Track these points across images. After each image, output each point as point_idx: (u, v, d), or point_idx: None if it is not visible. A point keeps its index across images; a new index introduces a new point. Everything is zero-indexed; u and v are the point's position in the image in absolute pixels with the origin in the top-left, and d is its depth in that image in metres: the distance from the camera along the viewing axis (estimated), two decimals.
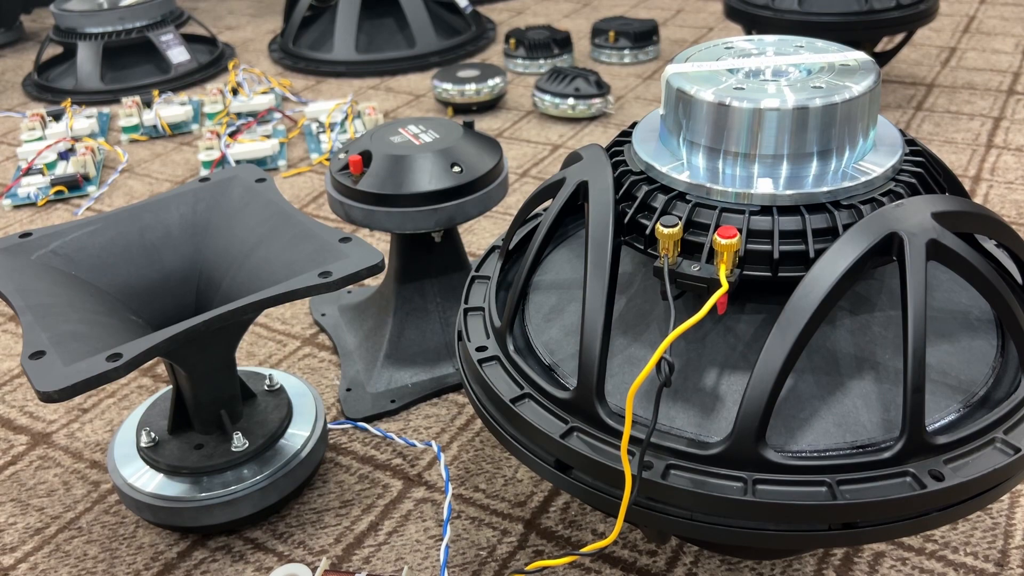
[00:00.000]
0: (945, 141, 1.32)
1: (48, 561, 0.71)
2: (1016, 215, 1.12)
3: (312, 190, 1.30)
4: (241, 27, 2.12)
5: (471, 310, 0.63)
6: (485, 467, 0.78)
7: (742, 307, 0.55)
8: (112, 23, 1.68)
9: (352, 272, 0.65)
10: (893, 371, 0.52)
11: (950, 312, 0.56)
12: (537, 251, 0.60)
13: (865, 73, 0.54)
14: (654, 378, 0.47)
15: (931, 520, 0.48)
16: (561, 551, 0.69)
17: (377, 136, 0.84)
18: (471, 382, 0.60)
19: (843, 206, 0.52)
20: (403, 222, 0.80)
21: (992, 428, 0.50)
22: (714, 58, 0.58)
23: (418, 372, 0.87)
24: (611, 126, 1.44)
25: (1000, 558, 0.66)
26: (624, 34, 1.70)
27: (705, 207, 0.53)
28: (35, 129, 1.47)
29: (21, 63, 1.94)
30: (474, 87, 1.48)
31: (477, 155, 0.83)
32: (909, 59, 1.63)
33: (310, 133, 1.45)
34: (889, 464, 0.48)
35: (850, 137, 0.53)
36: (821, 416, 0.50)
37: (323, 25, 1.82)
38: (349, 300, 0.99)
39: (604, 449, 0.50)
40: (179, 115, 1.51)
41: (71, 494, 0.77)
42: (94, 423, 0.86)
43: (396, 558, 0.70)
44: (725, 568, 0.67)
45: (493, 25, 1.98)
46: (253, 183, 0.77)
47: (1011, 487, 0.50)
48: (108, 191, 1.33)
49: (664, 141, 0.58)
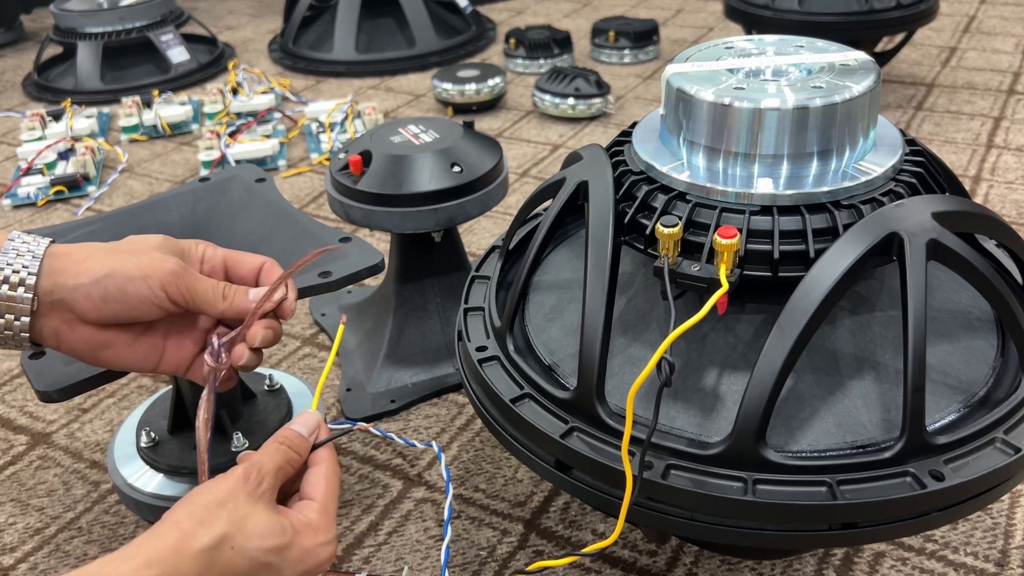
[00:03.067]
0: (945, 141, 1.32)
1: (48, 561, 0.71)
2: (1016, 215, 1.12)
3: (312, 190, 1.30)
4: (241, 27, 2.12)
5: (471, 310, 0.63)
6: (485, 467, 0.78)
7: (742, 307, 0.55)
8: (112, 23, 1.68)
9: (352, 272, 0.65)
10: (893, 371, 0.52)
11: (950, 312, 0.56)
12: (537, 251, 0.60)
13: (865, 73, 0.54)
14: (654, 378, 0.47)
15: (931, 520, 0.48)
16: (561, 551, 0.69)
17: (377, 136, 0.84)
18: (471, 382, 0.60)
19: (843, 206, 0.52)
20: (403, 222, 0.80)
21: (992, 428, 0.50)
22: (714, 58, 0.58)
23: (418, 372, 0.87)
24: (611, 126, 1.44)
25: (1000, 558, 0.66)
26: (624, 34, 1.70)
27: (705, 207, 0.53)
28: (35, 129, 1.47)
29: (21, 63, 1.94)
30: (474, 87, 1.48)
31: (477, 155, 0.83)
32: (909, 59, 1.63)
33: (310, 133, 1.45)
34: (889, 464, 0.48)
35: (850, 137, 0.53)
36: (821, 416, 0.50)
37: (323, 25, 1.82)
38: (349, 300, 0.99)
39: (604, 449, 0.50)
40: (179, 115, 1.51)
41: (71, 494, 0.77)
42: (94, 423, 0.86)
43: (396, 558, 0.70)
44: (725, 568, 0.67)
45: (493, 25, 1.98)
46: (253, 183, 0.77)
47: (1011, 487, 0.50)
48: (108, 191, 1.33)
49: (664, 141, 0.58)
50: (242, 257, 0.58)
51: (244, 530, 0.44)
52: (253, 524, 0.45)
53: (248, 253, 0.58)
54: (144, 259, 0.53)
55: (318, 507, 0.49)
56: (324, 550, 0.48)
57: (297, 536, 0.47)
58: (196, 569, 0.42)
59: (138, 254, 0.53)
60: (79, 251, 0.53)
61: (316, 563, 0.47)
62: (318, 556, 0.47)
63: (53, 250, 0.52)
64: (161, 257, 0.53)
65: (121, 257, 0.53)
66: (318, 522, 0.48)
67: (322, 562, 0.48)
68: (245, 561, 0.44)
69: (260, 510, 0.46)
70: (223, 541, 0.44)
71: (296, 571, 0.46)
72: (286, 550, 0.46)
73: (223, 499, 0.45)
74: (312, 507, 0.49)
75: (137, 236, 0.56)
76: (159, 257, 0.53)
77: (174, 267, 0.53)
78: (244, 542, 0.44)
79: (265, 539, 0.45)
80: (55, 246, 0.52)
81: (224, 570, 0.44)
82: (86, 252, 0.53)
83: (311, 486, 0.50)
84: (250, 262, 0.58)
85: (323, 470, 0.51)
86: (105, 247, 0.54)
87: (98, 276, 0.51)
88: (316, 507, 0.49)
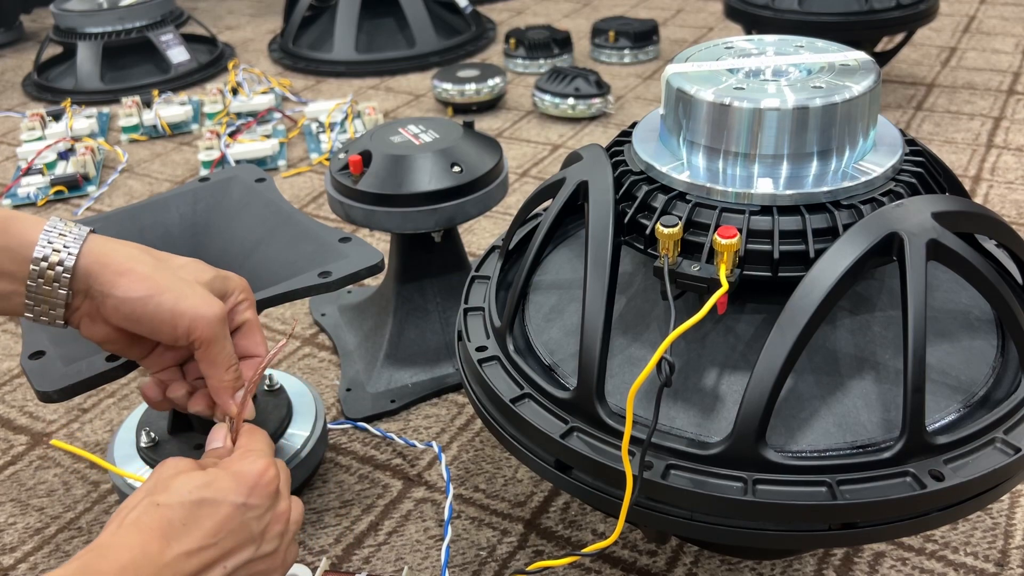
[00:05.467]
0: (945, 141, 1.32)
1: (48, 561, 0.71)
2: (1016, 215, 1.12)
3: (312, 190, 1.30)
4: (241, 27, 2.12)
5: (471, 310, 0.63)
6: (485, 467, 0.78)
7: (742, 307, 0.55)
8: (112, 23, 1.68)
9: (352, 272, 0.65)
10: (893, 371, 0.52)
11: (950, 312, 0.56)
12: (537, 251, 0.60)
13: (865, 73, 0.54)
14: (654, 378, 0.47)
15: (931, 520, 0.48)
16: (561, 551, 0.69)
17: (377, 136, 0.84)
18: (471, 382, 0.60)
19: (843, 206, 0.52)
20: (403, 222, 0.80)
21: (992, 428, 0.50)
22: (714, 58, 0.58)
23: (418, 372, 0.87)
24: (611, 126, 1.44)
25: (1000, 558, 0.66)
26: (624, 34, 1.70)
27: (705, 207, 0.53)
28: (35, 129, 1.47)
29: (21, 63, 1.93)
30: (474, 87, 1.48)
31: (477, 155, 0.83)
32: (909, 59, 1.63)
33: (310, 133, 1.44)
34: (889, 464, 0.48)
35: (850, 137, 0.53)
36: (821, 416, 0.50)
37: (323, 25, 1.82)
38: (349, 300, 0.99)
39: (604, 449, 0.50)
40: (179, 115, 1.51)
41: (71, 494, 0.77)
42: (94, 423, 0.86)
43: (396, 558, 0.70)
44: (725, 568, 0.67)
45: (493, 25, 1.98)
46: (253, 183, 0.77)
47: (1011, 487, 0.50)
48: (108, 191, 1.33)
49: (664, 141, 0.58)
50: (251, 339, 0.57)
51: (166, 490, 0.45)
52: (174, 483, 0.45)
53: (258, 343, 0.57)
54: (187, 292, 0.52)
55: (242, 449, 0.50)
56: (254, 464, 0.47)
57: (221, 468, 0.47)
58: (134, 537, 0.42)
59: (183, 284, 0.52)
60: (120, 257, 0.51)
61: (253, 477, 0.47)
62: (251, 470, 0.47)
63: (91, 247, 0.51)
64: (204, 298, 0.52)
65: (163, 282, 0.51)
66: (240, 453, 0.49)
67: (257, 473, 0.47)
68: (177, 508, 0.44)
69: (182, 474, 0.46)
70: (147, 507, 0.44)
71: (238, 492, 0.46)
72: (213, 482, 0.46)
73: (146, 486, 0.46)
74: (236, 451, 0.50)
75: (188, 260, 0.55)
76: (202, 296, 0.52)
77: (213, 319, 0.52)
78: (168, 497, 0.44)
79: (187, 483, 0.45)
80: (96, 240, 0.52)
81: (164, 526, 0.43)
82: (127, 263, 0.51)
83: (237, 445, 0.52)
84: (251, 348, 0.57)
85: (242, 433, 0.52)
86: (150, 261, 0.52)
87: (132, 296, 0.51)
88: (240, 450, 0.50)
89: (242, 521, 0.46)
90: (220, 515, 0.45)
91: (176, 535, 0.43)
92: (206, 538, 0.44)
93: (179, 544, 0.43)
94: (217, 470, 0.47)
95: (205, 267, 0.55)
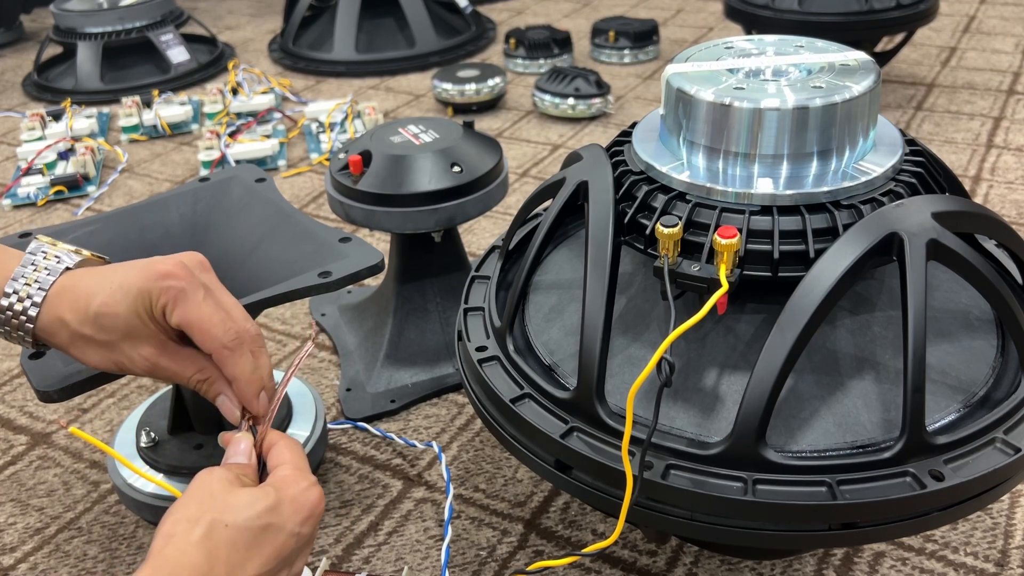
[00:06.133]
0: (945, 141, 1.32)
1: (48, 561, 0.71)
2: (1016, 215, 1.12)
3: (312, 190, 1.30)
4: (241, 27, 2.12)
5: (471, 310, 0.63)
6: (485, 467, 0.78)
7: (742, 307, 0.55)
8: (112, 23, 1.68)
9: (352, 272, 0.64)
10: (893, 371, 0.52)
11: (950, 312, 0.56)
12: (537, 251, 0.60)
13: (865, 73, 0.54)
14: (654, 378, 0.47)
15: (931, 520, 0.48)
16: (561, 551, 0.69)
17: (377, 136, 0.84)
18: (471, 382, 0.60)
19: (843, 206, 0.52)
20: (403, 222, 0.80)
21: (992, 428, 0.50)
22: (714, 58, 0.58)
23: (418, 372, 0.87)
24: (611, 126, 1.44)
25: (1000, 558, 0.66)
26: (624, 34, 1.70)
27: (705, 207, 0.53)
28: (35, 129, 1.47)
29: (21, 63, 1.94)
30: (474, 87, 1.48)
31: (477, 155, 0.83)
32: (909, 59, 1.63)
33: (310, 133, 1.44)
34: (889, 464, 0.48)
35: (850, 137, 0.53)
36: (821, 416, 0.50)
37: (323, 25, 1.82)
38: (349, 300, 0.99)
39: (604, 449, 0.50)
40: (179, 115, 1.51)
41: (71, 494, 0.77)
42: (94, 423, 0.86)
43: (396, 558, 0.70)
44: (725, 568, 0.67)
45: (493, 25, 1.98)
46: (253, 183, 0.77)
47: (1011, 487, 0.50)
48: (108, 191, 1.33)
49: (664, 141, 0.58)
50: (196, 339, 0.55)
51: (230, 509, 0.45)
52: (235, 501, 0.46)
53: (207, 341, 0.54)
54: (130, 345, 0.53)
55: (289, 465, 0.50)
56: (311, 492, 0.49)
57: (281, 492, 0.47)
58: (202, 558, 0.43)
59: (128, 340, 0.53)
60: (75, 321, 0.52)
61: (310, 507, 0.48)
62: (309, 499, 0.48)
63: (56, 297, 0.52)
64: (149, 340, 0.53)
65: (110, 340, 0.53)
66: (294, 474, 0.49)
67: (314, 503, 0.48)
68: (244, 532, 0.45)
69: (236, 490, 0.47)
70: (214, 526, 0.44)
71: (296, 520, 0.47)
72: (277, 507, 0.46)
73: (200, 498, 0.46)
74: (284, 467, 0.50)
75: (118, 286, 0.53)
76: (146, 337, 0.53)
77: (156, 361, 0.53)
78: (235, 517, 0.45)
79: (253, 507, 0.46)
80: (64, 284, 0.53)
81: (230, 550, 0.44)
82: (80, 329, 0.52)
83: (276, 458, 0.51)
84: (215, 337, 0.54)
85: (281, 446, 0.52)
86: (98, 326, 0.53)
87: (90, 363, 0.54)
88: (287, 466, 0.50)
89: (293, 548, 0.47)
90: (279, 542, 0.46)
91: (240, 561, 0.44)
92: (265, 564, 0.45)
93: (242, 570, 0.44)
94: (277, 493, 0.47)
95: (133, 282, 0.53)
